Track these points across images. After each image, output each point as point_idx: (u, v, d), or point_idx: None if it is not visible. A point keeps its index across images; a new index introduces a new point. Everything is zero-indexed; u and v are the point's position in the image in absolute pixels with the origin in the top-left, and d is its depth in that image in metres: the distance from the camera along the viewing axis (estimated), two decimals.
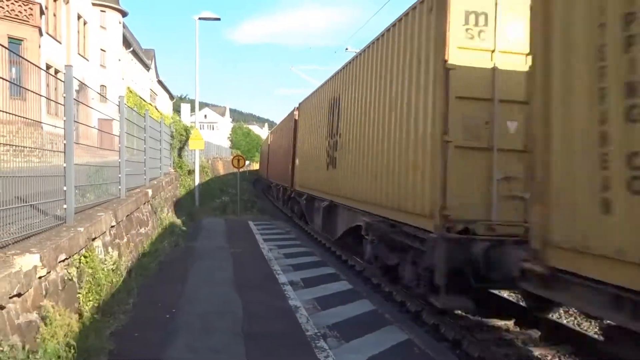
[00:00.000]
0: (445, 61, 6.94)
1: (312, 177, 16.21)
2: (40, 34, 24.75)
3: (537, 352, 6.75)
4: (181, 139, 24.36)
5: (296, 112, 20.35)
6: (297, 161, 19.61)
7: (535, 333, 7.22)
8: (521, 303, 8.51)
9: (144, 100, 42.70)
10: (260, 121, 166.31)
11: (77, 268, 5.90)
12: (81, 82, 10.11)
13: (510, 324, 7.63)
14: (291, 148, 20.68)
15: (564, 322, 7.97)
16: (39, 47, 24.38)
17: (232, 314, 6.99)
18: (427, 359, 5.72)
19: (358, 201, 10.80)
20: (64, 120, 6.32)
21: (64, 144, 6.25)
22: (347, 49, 27.64)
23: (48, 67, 24.54)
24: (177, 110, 58.94)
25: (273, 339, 6.09)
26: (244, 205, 22.60)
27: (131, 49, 43.25)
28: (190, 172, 24.91)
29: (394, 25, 8.84)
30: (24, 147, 5.71)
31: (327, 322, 6.73)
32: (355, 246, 12.16)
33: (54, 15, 28.66)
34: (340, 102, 12.82)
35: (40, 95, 6.14)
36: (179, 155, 24.29)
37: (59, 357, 4.34)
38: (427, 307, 7.91)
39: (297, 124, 19.91)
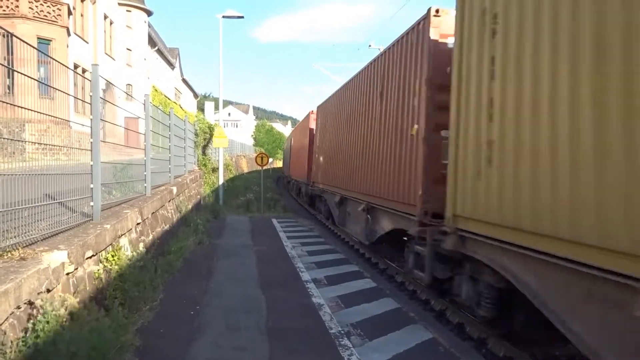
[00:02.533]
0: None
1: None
2: (68, 34, 25.20)
3: (563, 351, 6.62)
4: (205, 137, 24.55)
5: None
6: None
7: None
8: None
9: (169, 99, 43.17)
10: (284, 119, 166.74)
11: (104, 264, 5.99)
12: (108, 81, 10.29)
13: None
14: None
15: None
16: (67, 46, 24.81)
17: (256, 311, 7.02)
18: (452, 358, 5.66)
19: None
20: (91, 119, 6.41)
21: (91, 142, 6.34)
22: (370, 45, 27.52)
23: (76, 66, 24.99)
24: (201, 108, 59.44)
25: (297, 336, 6.09)
26: (268, 202, 22.70)
27: (156, 48, 43.76)
28: (214, 170, 25.10)
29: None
30: (52, 145, 5.81)
31: (350, 320, 6.71)
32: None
33: (82, 15, 29.16)
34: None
35: (68, 95, 6.24)
36: (203, 153, 24.49)
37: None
38: (452, 305, 7.87)
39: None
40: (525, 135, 5.20)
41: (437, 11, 8.30)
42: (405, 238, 9.42)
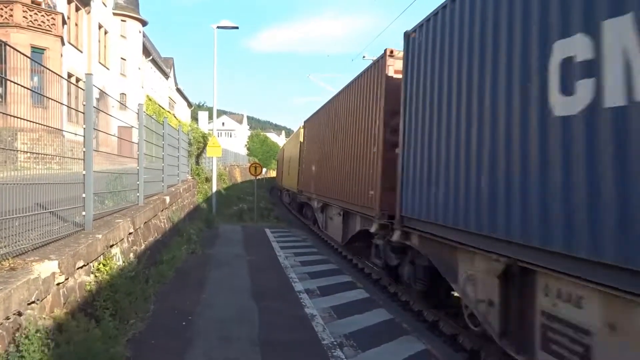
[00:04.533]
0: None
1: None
2: (62, 44, 25.19)
3: None
4: (199, 146, 24.54)
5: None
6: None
7: None
8: None
9: (163, 108, 43.14)
10: (278, 129, 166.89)
11: (95, 275, 5.94)
12: (101, 91, 10.28)
13: None
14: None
15: None
16: (61, 56, 24.79)
17: (248, 321, 6.98)
18: None
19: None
20: (84, 128, 6.40)
21: (84, 152, 6.32)
22: (364, 56, 27.57)
23: (69, 75, 24.96)
24: (195, 118, 59.48)
25: (289, 347, 6.06)
26: (261, 212, 22.66)
27: (151, 57, 43.79)
28: (208, 180, 25.06)
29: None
30: (44, 154, 5.78)
31: (343, 331, 6.68)
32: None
33: (76, 25, 29.18)
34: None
35: (61, 104, 6.22)
36: (197, 163, 24.47)
37: None
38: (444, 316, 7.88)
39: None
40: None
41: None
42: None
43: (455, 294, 7.64)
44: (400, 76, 9.16)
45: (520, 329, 5.42)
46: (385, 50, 10.05)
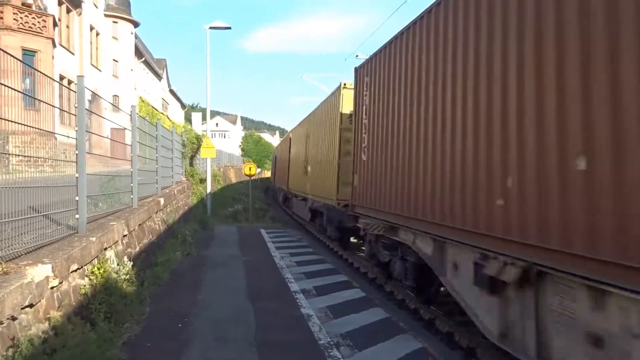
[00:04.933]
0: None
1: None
2: (54, 46, 25.07)
3: None
4: (193, 147, 24.48)
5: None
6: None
7: None
8: None
9: (156, 110, 42.99)
10: (272, 129, 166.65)
11: (90, 278, 5.91)
12: (94, 93, 10.19)
13: None
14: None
15: None
16: (52, 58, 24.68)
17: (245, 322, 6.96)
18: None
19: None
20: (76, 130, 6.36)
21: (76, 154, 6.28)
22: (357, 55, 27.55)
23: (61, 78, 24.83)
24: (188, 119, 59.35)
25: (286, 348, 6.04)
26: (256, 213, 22.63)
27: (143, 59, 43.62)
28: (202, 181, 25.00)
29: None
30: (37, 157, 5.75)
31: (340, 331, 6.68)
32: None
33: (67, 27, 29.03)
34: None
35: (53, 106, 6.18)
36: (191, 164, 24.42)
37: None
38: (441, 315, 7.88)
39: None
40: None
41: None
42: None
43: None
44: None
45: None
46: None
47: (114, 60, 36.41)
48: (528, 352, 4.95)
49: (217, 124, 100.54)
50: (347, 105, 13.49)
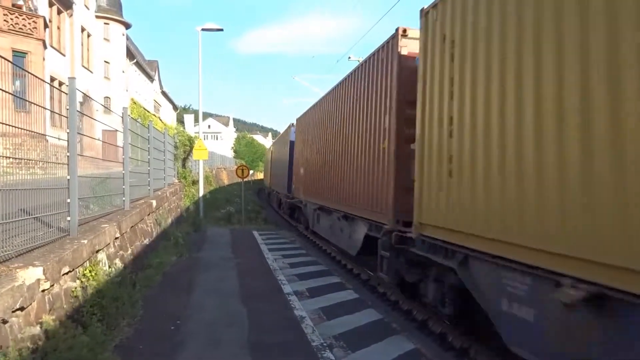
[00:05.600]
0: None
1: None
2: (45, 47, 24.93)
3: None
4: (185, 149, 24.41)
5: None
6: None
7: None
8: None
9: (148, 112, 42.86)
10: (264, 131, 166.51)
11: (81, 280, 5.88)
12: (85, 94, 10.14)
13: None
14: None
15: None
16: (43, 59, 24.54)
17: (237, 324, 6.95)
18: None
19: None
20: (68, 132, 6.32)
21: (68, 156, 6.25)
22: (349, 57, 27.62)
23: (52, 79, 24.71)
24: (180, 120, 59.13)
25: (279, 349, 6.04)
26: (249, 215, 22.58)
27: (135, 60, 43.47)
28: (195, 183, 24.93)
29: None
30: (28, 159, 5.71)
31: (333, 332, 6.68)
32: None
33: (58, 28, 28.88)
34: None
35: (44, 108, 6.15)
36: (183, 166, 24.34)
37: None
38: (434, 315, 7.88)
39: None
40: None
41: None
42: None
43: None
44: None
45: None
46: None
47: (105, 61, 36.27)
48: None
49: (209, 126, 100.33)
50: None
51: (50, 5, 27.90)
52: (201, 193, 23.05)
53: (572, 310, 4.07)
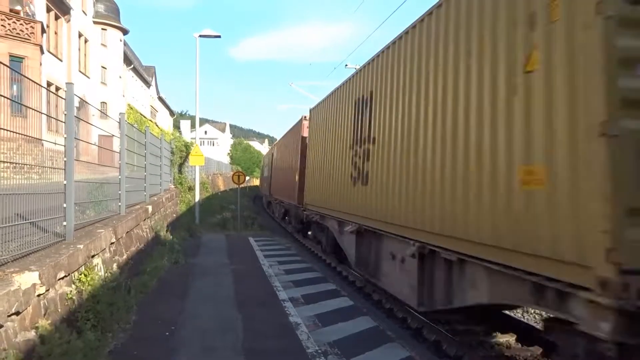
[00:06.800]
0: None
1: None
2: (42, 52, 24.93)
3: None
4: (181, 155, 24.38)
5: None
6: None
7: (537, 350, 7.15)
8: (523, 319, 8.45)
9: (145, 117, 42.85)
10: (261, 137, 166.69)
11: (76, 285, 5.87)
12: (82, 99, 10.15)
13: (512, 340, 7.56)
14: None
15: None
16: (40, 64, 24.54)
17: (232, 331, 6.93)
18: None
19: None
20: (65, 137, 6.33)
21: (64, 161, 6.26)
22: (346, 65, 27.77)
23: (49, 84, 24.70)
24: (177, 126, 59.14)
25: (273, 356, 6.03)
26: (245, 221, 22.56)
27: (132, 66, 43.51)
28: (191, 188, 24.89)
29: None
30: (24, 164, 5.71)
31: (328, 339, 6.67)
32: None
33: (55, 33, 28.90)
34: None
35: (41, 113, 6.16)
36: (179, 172, 24.30)
37: None
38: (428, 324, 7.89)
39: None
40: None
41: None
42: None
43: None
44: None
45: None
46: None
47: (102, 67, 36.30)
48: None
49: (206, 132, 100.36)
50: None
51: (48, 10, 27.94)
52: (197, 199, 23.04)
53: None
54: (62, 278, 5.38)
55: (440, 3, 7.10)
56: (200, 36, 23.21)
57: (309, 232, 18.20)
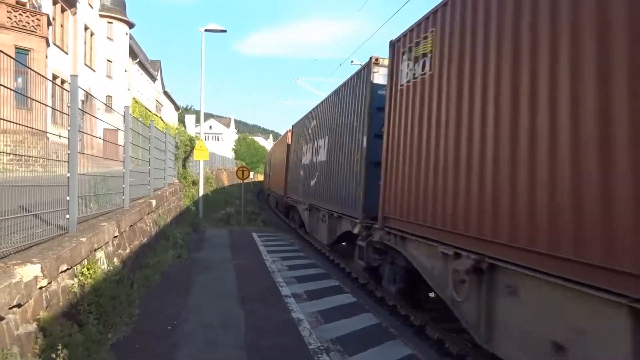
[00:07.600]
0: None
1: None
2: (47, 45, 24.93)
3: None
4: (186, 149, 24.39)
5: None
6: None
7: None
8: None
9: (150, 111, 42.90)
10: (265, 132, 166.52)
11: (79, 279, 5.86)
12: (87, 93, 10.17)
13: None
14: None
15: None
16: (46, 57, 24.54)
17: (235, 326, 6.93)
18: None
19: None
20: (69, 130, 6.31)
21: (68, 154, 6.24)
22: (352, 61, 27.74)
23: (54, 77, 24.71)
24: (182, 121, 59.20)
25: (275, 352, 6.02)
26: (248, 216, 22.56)
27: (137, 60, 43.51)
28: (195, 183, 24.91)
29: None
30: (28, 156, 5.70)
31: (330, 336, 6.66)
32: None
33: (61, 26, 28.90)
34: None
35: (46, 105, 6.14)
36: (184, 166, 24.32)
37: None
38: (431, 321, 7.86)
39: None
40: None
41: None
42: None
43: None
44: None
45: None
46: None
47: (108, 60, 36.29)
48: None
49: (210, 127, 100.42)
50: None
51: (54, 3, 27.93)
52: (201, 193, 23.04)
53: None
54: (65, 271, 5.37)
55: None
56: (205, 30, 23.18)
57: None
